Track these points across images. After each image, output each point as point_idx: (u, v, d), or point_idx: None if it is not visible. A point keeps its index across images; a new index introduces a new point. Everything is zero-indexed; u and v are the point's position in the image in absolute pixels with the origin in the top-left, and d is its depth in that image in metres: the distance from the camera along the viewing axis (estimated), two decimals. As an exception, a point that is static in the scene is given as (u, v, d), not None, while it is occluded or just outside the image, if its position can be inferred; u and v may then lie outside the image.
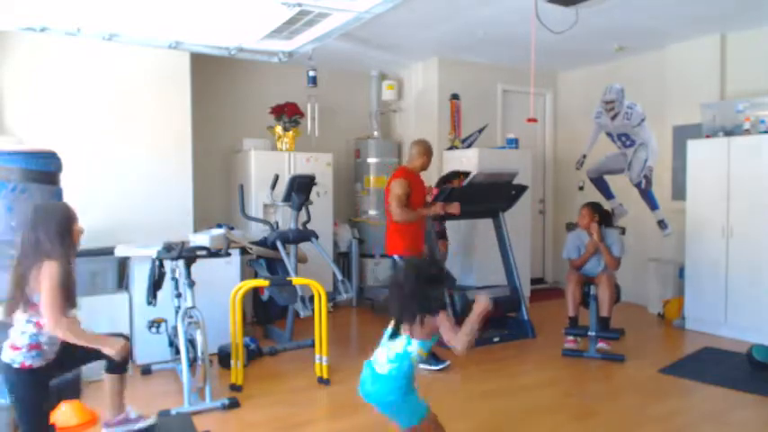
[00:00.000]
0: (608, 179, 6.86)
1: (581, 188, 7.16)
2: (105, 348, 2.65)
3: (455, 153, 6.32)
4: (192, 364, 3.63)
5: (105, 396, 2.93)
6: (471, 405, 3.63)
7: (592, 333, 4.55)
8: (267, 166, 5.76)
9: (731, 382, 3.93)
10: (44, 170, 3.50)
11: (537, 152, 7.27)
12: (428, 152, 4.48)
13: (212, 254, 3.86)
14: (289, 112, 6.09)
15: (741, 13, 5.04)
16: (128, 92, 5.02)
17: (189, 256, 3.77)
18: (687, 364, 4.43)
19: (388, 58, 6.55)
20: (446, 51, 6.33)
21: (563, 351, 4.63)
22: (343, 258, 6.57)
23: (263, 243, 4.69)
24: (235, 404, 3.54)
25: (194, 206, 5.36)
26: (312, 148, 6.25)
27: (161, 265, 4.03)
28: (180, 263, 3.77)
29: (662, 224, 6.28)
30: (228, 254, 4.03)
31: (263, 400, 3.68)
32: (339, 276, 4.53)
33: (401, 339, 2.36)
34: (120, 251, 4.28)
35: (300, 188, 4.61)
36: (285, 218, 5.30)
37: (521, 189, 5.16)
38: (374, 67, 6.87)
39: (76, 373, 3.64)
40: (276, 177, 4.81)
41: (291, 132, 6.11)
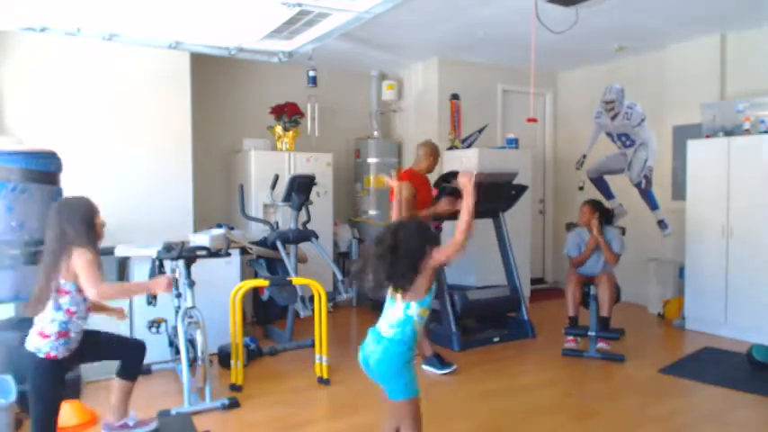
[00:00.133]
0: (608, 179, 6.87)
1: (581, 188, 7.16)
2: (153, 288, 2.79)
3: (455, 153, 6.32)
4: (192, 364, 3.63)
5: (111, 399, 2.93)
6: (471, 405, 3.63)
7: (592, 333, 4.54)
8: (267, 166, 5.76)
9: (731, 382, 3.93)
10: (44, 170, 3.50)
11: (537, 152, 7.27)
12: (435, 154, 4.47)
13: (212, 254, 3.86)
14: (289, 112, 6.10)
15: (741, 13, 5.05)
16: (128, 92, 5.02)
17: (189, 256, 3.76)
18: (687, 364, 4.43)
19: (388, 58, 6.55)
20: (446, 51, 6.33)
21: (563, 351, 4.63)
22: (343, 258, 6.57)
23: (263, 243, 4.69)
24: (235, 404, 3.54)
25: (194, 206, 5.37)
26: (312, 148, 6.25)
27: (161, 265, 4.03)
28: (180, 263, 3.76)
29: (662, 224, 6.28)
30: (228, 254, 4.03)
31: (263, 400, 3.68)
32: (339, 276, 4.53)
33: (399, 304, 2.34)
34: (120, 251, 4.28)
35: (300, 188, 4.61)
36: (285, 218, 5.30)
37: (521, 189, 5.16)
38: (374, 67, 6.87)
39: (76, 374, 3.65)
40: (276, 177, 4.81)
41: (291, 132, 6.11)
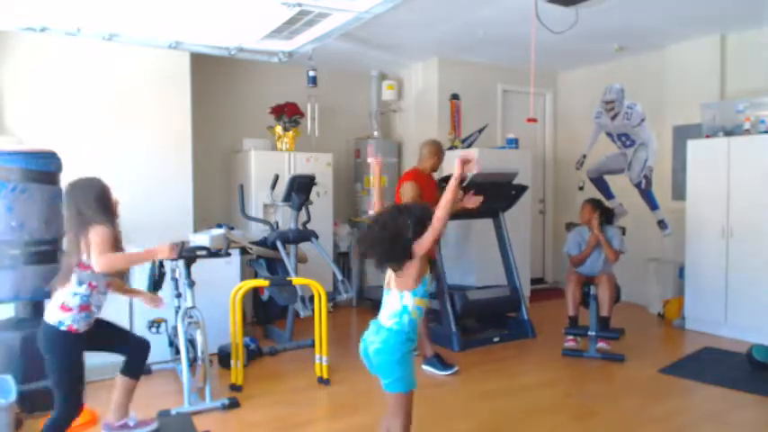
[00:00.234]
0: (608, 179, 6.87)
1: (581, 188, 7.16)
2: (158, 254, 2.78)
3: (455, 153, 6.32)
4: (192, 364, 3.63)
5: (113, 397, 2.93)
6: (471, 405, 3.63)
7: (592, 333, 4.55)
8: (267, 166, 5.76)
9: (731, 382, 3.93)
10: (44, 170, 3.49)
11: (537, 152, 7.27)
12: (439, 152, 4.45)
13: (212, 254, 3.86)
14: (289, 112, 6.09)
15: (741, 13, 5.05)
16: (128, 92, 5.02)
17: (189, 256, 3.76)
18: (687, 364, 4.43)
19: (388, 58, 6.55)
20: (446, 51, 6.33)
21: (563, 351, 4.63)
22: (343, 258, 6.57)
23: (263, 243, 4.69)
24: (235, 404, 3.54)
25: (194, 206, 5.36)
26: (312, 148, 6.25)
27: (161, 265, 4.04)
28: (180, 263, 3.77)
29: (662, 224, 6.28)
30: (228, 254, 4.03)
31: (263, 400, 3.68)
32: (339, 276, 4.53)
33: (394, 294, 2.36)
34: (120, 251, 4.28)
35: (300, 188, 4.61)
36: (285, 218, 5.30)
37: (521, 189, 5.16)
38: (374, 67, 6.87)
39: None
40: (276, 177, 4.81)
41: (291, 132, 6.11)
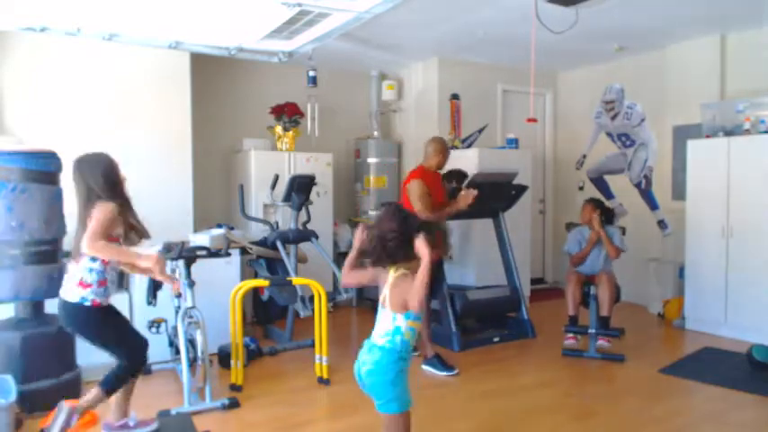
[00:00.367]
0: (608, 179, 6.87)
1: (581, 188, 7.16)
2: (141, 261, 2.76)
3: (455, 153, 6.29)
4: (192, 364, 3.63)
5: (111, 398, 2.93)
6: (471, 405, 3.63)
7: (592, 330, 4.55)
8: (267, 166, 5.76)
9: (731, 382, 3.93)
10: (44, 170, 3.50)
11: (537, 152, 7.27)
12: (444, 150, 4.42)
13: (212, 254, 3.86)
14: (289, 112, 6.09)
15: (741, 13, 5.05)
16: (128, 92, 5.02)
17: (189, 256, 3.77)
18: (687, 364, 4.43)
19: (388, 58, 6.55)
20: (446, 51, 6.33)
21: (563, 351, 4.63)
22: (343, 258, 6.54)
23: (263, 243, 4.69)
24: (235, 404, 3.54)
25: (194, 206, 5.36)
26: (312, 148, 6.25)
27: (161, 265, 4.03)
28: (180, 263, 3.77)
29: (662, 224, 6.28)
30: (228, 254, 4.03)
31: (263, 400, 3.68)
32: (339, 276, 4.53)
33: (387, 313, 2.34)
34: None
35: (300, 188, 4.61)
36: (285, 218, 5.30)
37: (521, 189, 5.16)
38: (374, 67, 6.87)
39: (76, 374, 3.65)
40: (276, 177, 4.81)
41: (291, 132, 6.11)
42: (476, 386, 3.96)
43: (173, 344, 4.13)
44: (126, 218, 2.80)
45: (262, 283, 4.23)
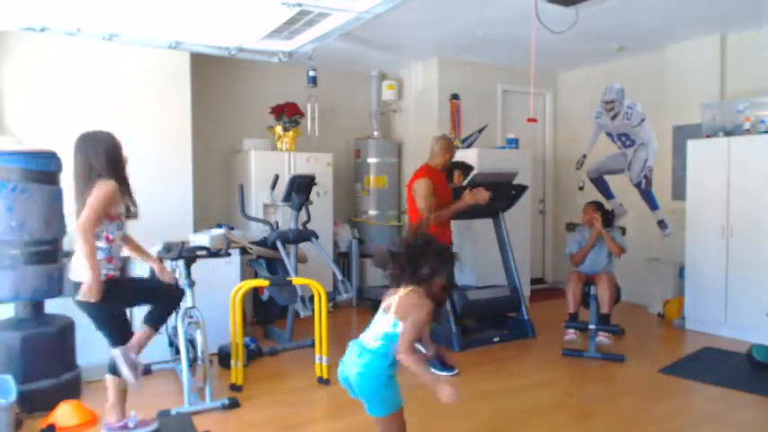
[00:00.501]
0: (608, 179, 6.87)
1: (581, 188, 7.16)
2: (85, 284, 2.69)
3: (455, 153, 6.31)
4: (192, 364, 3.63)
5: (108, 398, 2.94)
6: (471, 405, 3.62)
7: (592, 326, 4.56)
8: (267, 166, 5.76)
9: (731, 382, 3.93)
10: (44, 170, 3.50)
11: (537, 152, 7.27)
12: (451, 148, 4.40)
13: (212, 254, 3.86)
14: (289, 112, 6.09)
15: (741, 13, 5.05)
16: (128, 92, 5.02)
17: (189, 256, 3.76)
18: (687, 364, 4.43)
19: (388, 58, 6.55)
20: (446, 51, 6.33)
21: (563, 351, 4.62)
22: (343, 258, 6.57)
23: (263, 243, 4.69)
24: (235, 404, 3.54)
25: (194, 206, 5.36)
26: (312, 148, 6.25)
27: (161, 265, 4.03)
28: (180, 263, 3.76)
29: (662, 224, 6.28)
30: (228, 254, 4.03)
31: (263, 400, 3.68)
32: (339, 276, 4.53)
33: (389, 317, 2.32)
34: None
35: (300, 188, 4.61)
36: (285, 218, 5.30)
37: (521, 189, 5.16)
38: (374, 67, 6.87)
39: (76, 374, 3.66)
40: (276, 177, 4.81)
41: (291, 132, 6.11)
42: (476, 386, 3.96)
43: (173, 344, 4.13)
44: (124, 197, 2.85)
45: (262, 283, 4.23)
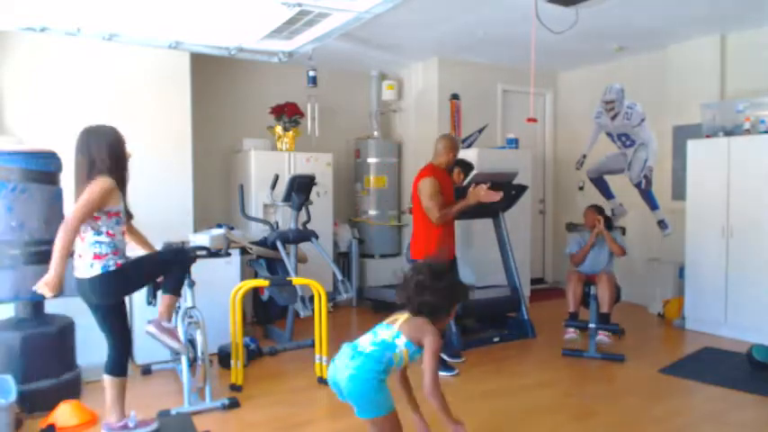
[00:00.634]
0: (608, 179, 6.87)
1: (581, 188, 7.16)
2: (46, 276, 2.64)
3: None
4: (192, 364, 3.63)
5: (106, 398, 2.94)
6: (471, 405, 3.62)
7: (592, 325, 4.57)
8: (267, 166, 5.76)
9: (731, 382, 3.93)
10: (44, 170, 3.50)
11: (537, 152, 7.27)
12: (455, 147, 4.36)
13: (212, 254, 3.86)
14: (289, 112, 6.09)
15: (741, 13, 5.05)
16: (128, 92, 5.02)
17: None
18: (687, 364, 4.43)
19: (388, 58, 6.55)
20: (446, 51, 6.33)
21: (563, 351, 4.63)
22: (343, 258, 6.57)
23: (263, 243, 4.69)
24: (235, 404, 3.54)
25: (194, 206, 5.37)
26: (312, 148, 6.25)
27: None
28: (180, 263, 3.76)
29: (662, 224, 6.28)
30: (228, 254, 4.03)
31: (263, 400, 3.68)
32: (339, 276, 4.53)
33: (391, 329, 2.33)
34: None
35: (300, 188, 4.61)
36: (285, 218, 5.30)
37: (521, 189, 5.16)
38: (374, 67, 6.87)
39: (76, 374, 3.66)
40: (276, 177, 4.81)
41: (291, 132, 6.11)
42: (476, 386, 3.96)
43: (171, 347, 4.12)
44: (122, 196, 2.84)
45: (262, 283, 4.23)
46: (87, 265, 2.76)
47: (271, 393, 3.81)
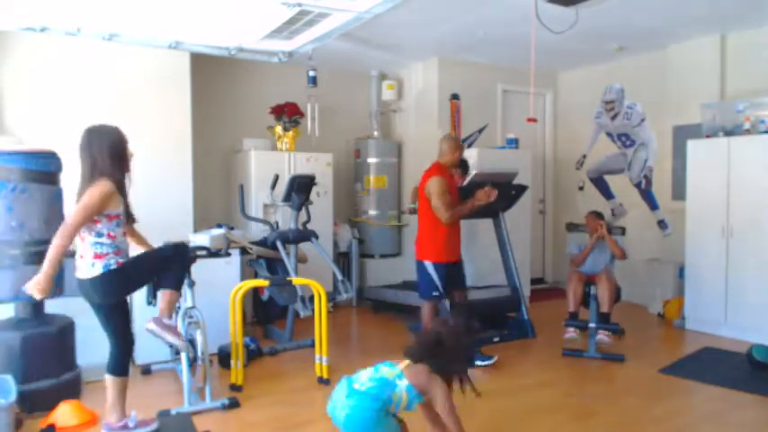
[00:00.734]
0: (608, 179, 6.87)
1: (581, 188, 7.16)
2: (36, 277, 2.63)
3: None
4: (192, 364, 3.63)
5: (107, 398, 2.94)
6: (471, 405, 3.62)
7: (592, 324, 4.58)
8: (267, 166, 5.76)
9: (731, 382, 3.93)
10: (44, 170, 3.50)
11: (537, 152, 7.27)
12: (460, 147, 4.35)
13: (212, 254, 3.86)
14: (289, 112, 6.10)
15: (741, 13, 5.05)
16: (128, 92, 5.02)
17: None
18: (687, 364, 4.43)
19: (388, 58, 6.55)
20: (446, 51, 6.33)
21: (563, 351, 4.63)
22: (343, 258, 6.57)
23: (263, 243, 4.69)
24: (235, 404, 3.54)
25: (194, 206, 5.36)
26: (312, 148, 6.25)
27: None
28: (180, 263, 3.76)
29: (662, 224, 6.28)
30: (228, 254, 4.03)
31: (263, 400, 3.68)
32: (339, 276, 4.53)
33: (394, 369, 2.32)
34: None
35: (300, 188, 4.61)
36: (285, 218, 5.30)
37: (521, 189, 5.16)
38: (374, 67, 6.87)
39: (76, 373, 3.66)
40: (276, 177, 4.81)
41: (291, 132, 6.11)
42: (475, 386, 3.95)
43: (173, 344, 4.12)
44: (122, 199, 2.82)
45: (262, 283, 4.23)
46: (89, 265, 2.76)
47: (271, 393, 3.81)
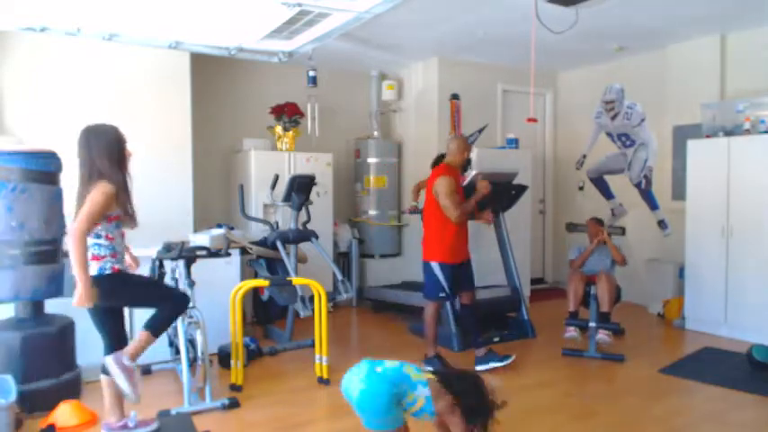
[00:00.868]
0: (608, 179, 6.86)
1: (581, 188, 7.16)
2: (76, 291, 2.63)
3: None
4: (192, 364, 3.63)
5: (104, 399, 2.94)
6: (471, 405, 3.62)
7: (592, 323, 4.58)
8: (267, 166, 5.76)
9: (731, 382, 3.93)
10: (44, 170, 3.49)
11: (537, 152, 7.27)
12: (467, 148, 4.35)
13: (212, 254, 3.86)
14: (289, 112, 6.10)
15: (741, 13, 5.05)
16: (128, 92, 5.02)
17: (189, 256, 3.77)
18: (687, 364, 4.43)
19: (388, 58, 6.55)
20: (446, 51, 6.33)
21: (563, 351, 4.63)
22: (343, 258, 6.57)
23: (263, 243, 4.69)
24: (235, 404, 3.54)
25: (194, 206, 5.37)
26: (312, 148, 6.25)
27: (161, 265, 4.03)
28: (180, 263, 3.77)
29: (662, 224, 6.28)
30: (228, 254, 4.03)
31: (263, 400, 3.68)
32: (339, 276, 4.53)
33: (421, 374, 2.34)
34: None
35: (300, 188, 4.61)
36: (285, 218, 5.30)
37: (521, 189, 5.16)
38: (374, 67, 6.87)
39: (76, 373, 3.66)
40: (276, 177, 4.81)
41: (291, 132, 6.11)
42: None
43: (173, 344, 4.13)
44: (122, 200, 2.77)
45: (262, 283, 4.23)
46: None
47: (271, 393, 3.81)
